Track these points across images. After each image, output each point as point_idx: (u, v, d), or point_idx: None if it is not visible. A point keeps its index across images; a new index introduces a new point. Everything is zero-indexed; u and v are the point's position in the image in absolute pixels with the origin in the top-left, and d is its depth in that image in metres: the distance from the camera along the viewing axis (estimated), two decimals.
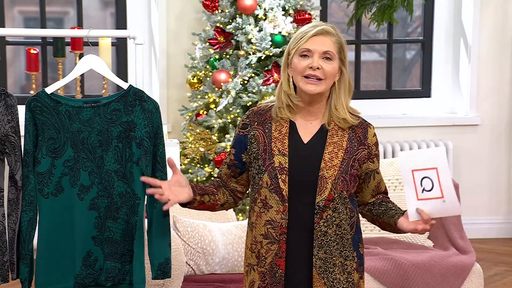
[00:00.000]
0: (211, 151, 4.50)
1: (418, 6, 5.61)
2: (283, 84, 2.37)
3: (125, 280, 2.62)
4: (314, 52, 2.31)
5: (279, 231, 2.31)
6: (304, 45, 2.31)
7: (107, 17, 5.58)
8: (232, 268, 3.40)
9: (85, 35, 2.91)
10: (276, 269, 2.32)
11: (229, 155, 2.42)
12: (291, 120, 2.37)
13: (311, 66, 2.30)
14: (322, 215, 2.30)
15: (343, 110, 2.34)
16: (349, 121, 2.35)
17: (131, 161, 2.58)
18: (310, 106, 2.36)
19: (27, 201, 2.57)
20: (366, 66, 5.87)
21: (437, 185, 2.19)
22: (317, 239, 2.30)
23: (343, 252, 2.34)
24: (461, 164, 5.53)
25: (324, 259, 2.31)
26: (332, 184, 2.29)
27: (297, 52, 2.33)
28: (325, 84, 2.32)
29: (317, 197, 2.29)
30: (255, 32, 4.48)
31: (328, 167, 2.30)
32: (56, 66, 4.48)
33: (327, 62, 2.31)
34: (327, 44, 2.31)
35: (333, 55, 2.32)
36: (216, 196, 2.40)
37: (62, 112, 2.58)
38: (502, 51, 5.53)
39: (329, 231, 2.31)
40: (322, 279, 2.31)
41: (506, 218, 5.63)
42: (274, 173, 2.31)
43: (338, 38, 2.34)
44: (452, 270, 3.59)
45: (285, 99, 2.36)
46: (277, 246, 2.31)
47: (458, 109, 5.62)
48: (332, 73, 2.32)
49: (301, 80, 2.32)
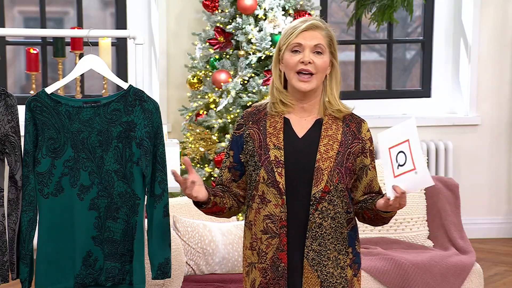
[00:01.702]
0: (211, 151, 4.50)
1: (418, 6, 5.61)
2: (274, 81, 2.40)
3: (125, 280, 2.62)
4: (305, 46, 2.32)
5: (279, 224, 2.32)
6: (295, 40, 2.33)
7: (107, 17, 5.58)
8: (232, 268, 3.40)
9: (85, 35, 2.91)
10: (278, 263, 2.32)
11: (228, 158, 2.43)
12: (285, 117, 2.38)
13: (302, 61, 2.31)
14: (317, 207, 2.31)
15: (335, 101, 2.37)
16: (343, 110, 2.38)
17: (131, 161, 2.58)
18: (303, 103, 2.37)
19: (27, 201, 2.57)
20: (366, 66, 5.87)
21: (409, 157, 2.19)
22: (311, 231, 2.31)
23: (337, 246, 2.34)
24: (461, 164, 5.53)
25: (318, 251, 2.32)
26: (328, 175, 2.31)
27: (288, 47, 2.34)
28: (317, 80, 2.34)
29: (313, 188, 2.30)
30: (255, 32, 4.48)
31: (324, 159, 2.32)
32: (56, 66, 4.48)
33: (318, 56, 2.33)
34: (318, 38, 2.34)
35: (324, 49, 2.34)
36: (224, 199, 2.40)
37: (62, 112, 2.58)
38: (502, 51, 5.53)
39: (324, 223, 2.32)
40: (316, 271, 2.32)
41: (506, 218, 5.63)
42: (270, 167, 2.32)
43: (327, 31, 2.36)
44: (452, 270, 3.59)
45: (277, 95, 2.38)
46: (278, 240, 2.32)
47: (458, 109, 5.62)
48: (324, 66, 2.34)
49: (294, 77, 2.33)
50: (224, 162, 2.44)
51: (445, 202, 3.91)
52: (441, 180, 3.98)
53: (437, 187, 3.92)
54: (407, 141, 2.19)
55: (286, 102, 2.37)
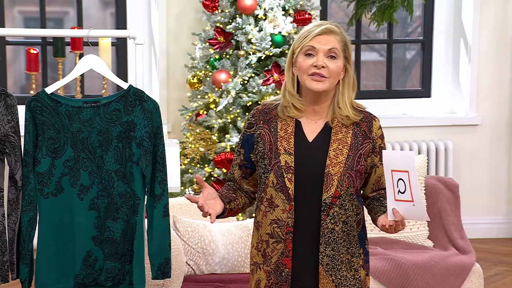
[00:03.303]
0: (211, 151, 4.50)
1: (418, 6, 5.60)
2: (287, 84, 2.38)
3: (125, 280, 2.62)
4: (318, 50, 2.31)
5: (285, 230, 2.32)
6: (309, 43, 2.31)
7: (107, 17, 5.58)
8: (232, 268, 3.40)
9: (85, 35, 2.90)
10: (282, 268, 2.33)
11: (239, 155, 2.42)
12: (296, 119, 2.37)
13: (315, 65, 2.30)
14: (329, 212, 2.30)
15: (345, 108, 2.34)
16: (351, 118, 2.35)
17: (131, 161, 2.58)
18: (315, 105, 2.36)
19: (27, 201, 2.57)
20: (366, 66, 5.87)
21: (408, 188, 2.20)
22: (324, 236, 2.31)
23: (350, 249, 2.35)
24: (461, 164, 5.53)
25: (332, 256, 2.32)
26: (338, 181, 2.30)
27: (301, 51, 2.33)
28: (330, 82, 2.32)
29: (323, 194, 2.30)
30: (255, 32, 4.48)
31: (334, 164, 2.31)
32: (56, 66, 4.48)
33: (332, 61, 2.31)
34: (332, 42, 2.31)
35: (338, 53, 2.32)
36: (237, 201, 2.41)
37: (62, 112, 2.58)
38: (502, 51, 5.53)
39: (336, 228, 2.31)
40: (330, 276, 2.32)
41: (506, 218, 5.63)
42: (280, 172, 2.31)
43: (342, 36, 2.34)
44: (452, 270, 3.59)
45: (290, 98, 2.36)
46: (283, 245, 2.32)
47: (458, 109, 5.61)
48: (337, 71, 2.32)
49: (307, 79, 2.32)
50: (235, 159, 2.45)
51: (445, 202, 3.91)
52: (441, 180, 3.98)
53: (437, 187, 3.92)
54: (407, 172, 2.19)
55: (298, 106, 2.35)
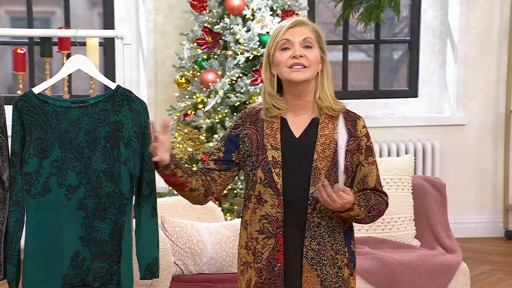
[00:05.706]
0: (199, 151, 4.50)
1: (405, 7, 5.63)
2: (265, 86, 2.40)
3: (113, 280, 2.62)
4: (294, 42, 2.33)
5: (275, 224, 2.32)
6: (283, 37, 2.33)
7: (95, 17, 5.57)
8: (220, 268, 3.41)
9: (72, 35, 2.90)
10: (274, 263, 2.33)
11: (218, 152, 2.42)
12: (282, 117, 2.38)
13: (294, 55, 2.31)
14: (315, 206, 2.31)
15: (326, 99, 2.36)
16: (334, 108, 2.37)
17: (119, 161, 2.58)
18: (299, 99, 2.37)
19: (14, 201, 2.56)
20: (354, 66, 5.88)
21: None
22: (310, 230, 2.32)
23: (334, 245, 2.35)
24: (447, 163, 5.56)
25: (318, 251, 2.33)
26: (326, 175, 2.31)
27: (277, 47, 2.35)
28: (311, 71, 2.33)
29: (311, 188, 2.31)
30: (243, 32, 4.48)
31: (321, 158, 2.32)
32: (43, 66, 4.47)
33: (308, 50, 2.33)
34: (305, 32, 2.34)
35: (313, 43, 2.34)
36: (189, 178, 2.36)
37: (50, 112, 2.57)
38: (488, 52, 5.56)
39: (323, 222, 2.32)
40: (315, 271, 2.33)
41: (492, 218, 5.67)
42: (268, 167, 2.32)
43: (313, 27, 2.37)
44: (439, 269, 3.61)
45: (270, 100, 2.38)
46: (274, 240, 2.33)
47: (445, 109, 5.64)
48: (316, 59, 2.34)
49: (287, 71, 2.33)
50: (212, 154, 2.43)
51: (432, 201, 3.93)
52: (428, 179, 4.00)
53: (424, 186, 3.94)
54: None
55: (280, 106, 2.36)
